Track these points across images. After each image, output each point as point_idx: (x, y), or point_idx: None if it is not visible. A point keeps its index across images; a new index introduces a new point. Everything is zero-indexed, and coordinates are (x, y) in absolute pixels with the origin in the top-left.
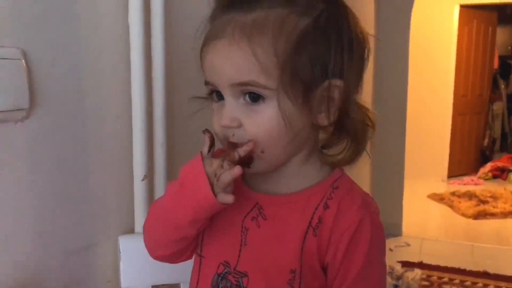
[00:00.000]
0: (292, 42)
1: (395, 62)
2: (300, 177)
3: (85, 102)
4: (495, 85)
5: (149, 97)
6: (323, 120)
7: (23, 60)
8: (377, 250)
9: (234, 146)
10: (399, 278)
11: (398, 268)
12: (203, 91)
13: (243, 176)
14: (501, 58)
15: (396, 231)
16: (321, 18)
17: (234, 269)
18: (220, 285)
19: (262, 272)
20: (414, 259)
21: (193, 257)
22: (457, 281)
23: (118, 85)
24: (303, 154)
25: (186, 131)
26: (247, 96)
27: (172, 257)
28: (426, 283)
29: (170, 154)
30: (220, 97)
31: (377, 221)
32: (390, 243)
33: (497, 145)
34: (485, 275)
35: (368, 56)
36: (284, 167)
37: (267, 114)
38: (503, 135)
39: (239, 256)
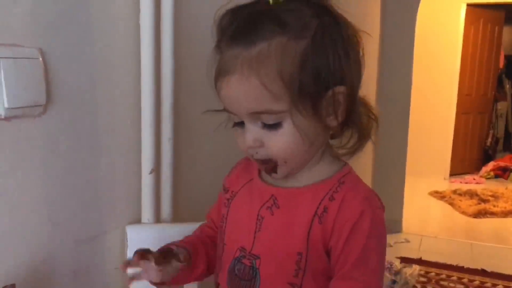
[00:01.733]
0: (295, 65)
1: (400, 60)
2: (313, 173)
3: (97, 99)
4: (500, 85)
5: (157, 94)
6: (332, 121)
7: (41, 59)
8: (375, 241)
9: (262, 161)
10: (397, 273)
11: (397, 263)
12: (212, 89)
13: (260, 174)
14: (507, 57)
15: (396, 228)
16: (317, 36)
17: (249, 252)
18: (236, 268)
19: (272, 254)
20: (413, 255)
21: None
22: (454, 278)
23: (128, 83)
24: (318, 154)
25: (192, 128)
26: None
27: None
28: (424, 279)
29: (176, 149)
30: (241, 123)
31: (378, 215)
32: (389, 239)
33: (500, 145)
34: (482, 272)
35: (363, 54)
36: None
37: (284, 133)
38: (507, 135)
39: (253, 241)
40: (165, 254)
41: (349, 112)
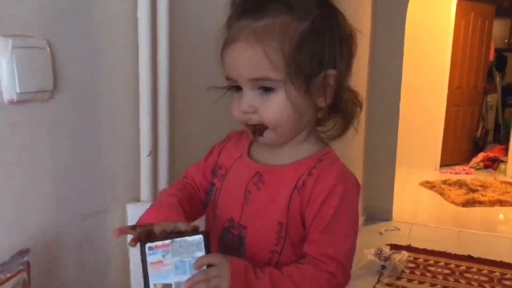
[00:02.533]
0: (295, 42)
1: (391, 53)
2: (297, 152)
3: (98, 87)
4: (490, 78)
5: (154, 82)
6: (321, 102)
7: (48, 49)
8: (344, 213)
9: (251, 128)
10: (386, 259)
11: (387, 250)
12: (205, 77)
13: (249, 152)
14: (497, 50)
15: (387, 216)
16: (317, 20)
17: (238, 223)
18: (225, 237)
19: (257, 224)
20: (403, 242)
21: (206, 215)
22: (442, 263)
23: (127, 71)
24: (305, 132)
25: (187, 113)
26: (261, 87)
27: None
28: (412, 265)
29: (172, 133)
30: (239, 89)
31: (349, 190)
32: (380, 227)
33: (490, 136)
34: (469, 258)
35: (355, 48)
36: (285, 144)
37: (278, 101)
38: (496, 126)
39: (241, 213)
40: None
41: (337, 96)
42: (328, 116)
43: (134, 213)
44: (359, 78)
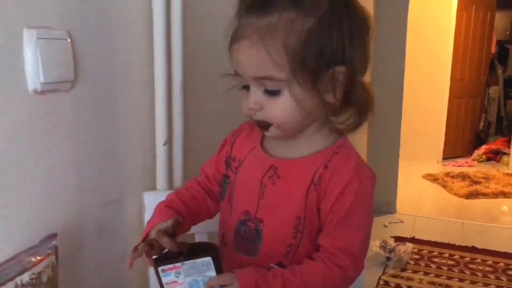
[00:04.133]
0: (299, 40)
1: (393, 45)
2: (310, 144)
3: (116, 77)
4: (492, 70)
5: (169, 74)
6: (330, 98)
7: (69, 40)
8: (360, 206)
9: (258, 124)
10: (391, 251)
11: (391, 242)
12: (218, 69)
13: (262, 144)
14: (499, 42)
15: (391, 209)
16: (325, 16)
17: (254, 216)
18: (241, 230)
19: (274, 219)
20: (407, 234)
21: (222, 206)
22: (446, 255)
23: (143, 63)
24: (316, 124)
25: (200, 103)
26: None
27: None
28: (417, 256)
29: (186, 123)
30: (248, 86)
31: (365, 183)
32: (384, 219)
33: (493, 128)
34: (473, 249)
35: (370, 38)
36: (297, 137)
37: (282, 101)
38: (499, 118)
39: (257, 206)
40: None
41: (348, 92)
42: (340, 109)
43: (150, 201)
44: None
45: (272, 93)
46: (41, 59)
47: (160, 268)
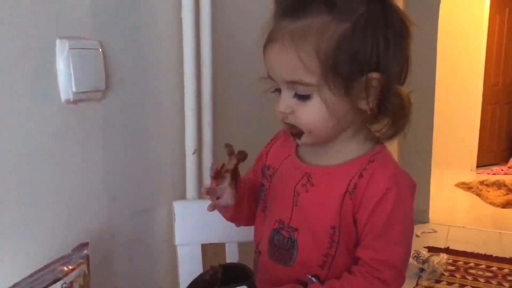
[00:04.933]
0: (332, 45)
1: (424, 51)
2: (345, 152)
3: (147, 86)
4: None
5: (198, 84)
6: (363, 105)
7: (100, 50)
8: (399, 217)
9: (291, 127)
10: (424, 261)
11: (424, 252)
12: (247, 77)
13: (296, 151)
14: None
15: (423, 218)
16: (360, 22)
17: (288, 225)
18: (275, 238)
19: (309, 228)
20: (441, 245)
21: (256, 215)
22: (483, 266)
23: (172, 72)
24: (350, 131)
25: (229, 112)
26: (296, 94)
27: (247, 222)
28: (452, 267)
29: (216, 132)
30: (280, 89)
31: (403, 192)
32: (417, 229)
33: None
34: (511, 261)
35: (409, 45)
36: (331, 143)
37: (313, 105)
38: None
39: (291, 215)
40: (233, 174)
41: (382, 100)
42: (376, 117)
43: (180, 211)
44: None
45: (303, 97)
46: (73, 69)
47: None
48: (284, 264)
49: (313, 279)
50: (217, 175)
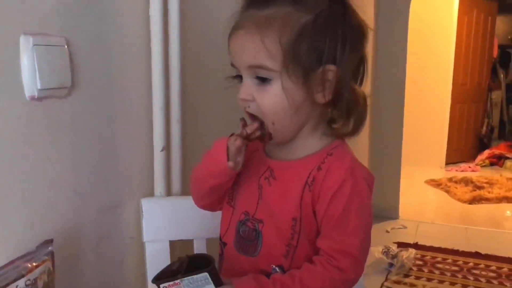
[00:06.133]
0: (294, 34)
1: (394, 51)
2: (305, 147)
3: (114, 84)
4: (494, 74)
5: (166, 81)
6: (320, 98)
7: (66, 47)
8: (355, 207)
9: (251, 116)
10: (394, 257)
11: (394, 248)
12: (215, 75)
13: (264, 147)
14: (501, 47)
15: (393, 214)
16: (321, 15)
17: (253, 217)
18: (241, 230)
19: (272, 220)
20: (410, 240)
21: (223, 208)
22: (449, 260)
23: (140, 70)
24: (309, 127)
25: (198, 110)
26: (258, 77)
27: (210, 207)
28: (420, 262)
29: (184, 130)
30: (241, 78)
31: (359, 184)
32: (387, 225)
33: (495, 133)
34: (476, 255)
35: (364, 47)
36: (294, 140)
37: (273, 92)
38: (502, 123)
39: (256, 207)
40: None
41: (337, 94)
42: (334, 114)
43: (148, 208)
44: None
45: (263, 81)
46: (38, 65)
47: (161, 286)
48: (250, 255)
49: (277, 269)
50: (247, 137)
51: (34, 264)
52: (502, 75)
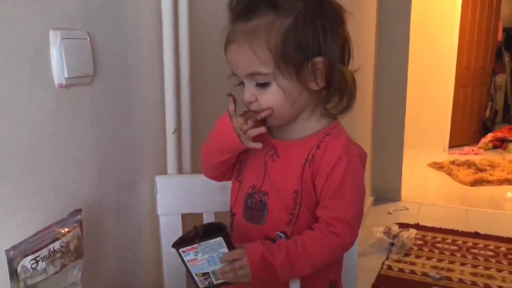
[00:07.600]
0: (279, 38)
1: (398, 33)
2: (305, 128)
3: (131, 72)
4: (499, 57)
5: (177, 69)
6: (314, 86)
7: (88, 39)
8: (350, 181)
9: (255, 112)
10: (395, 236)
11: (395, 228)
12: (223, 62)
13: (269, 129)
14: (506, 30)
15: (395, 196)
16: (300, 15)
17: (259, 190)
18: (248, 201)
19: (276, 192)
20: (411, 221)
21: (232, 183)
22: (449, 240)
23: (153, 59)
24: (307, 111)
25: (207, 96)
26: (257, 84)
27: (219, 177)
28: (420, 242)
29: (194, 114)
30: (243, 83)
31: (353, 160)
32: (389, 207)
33: (499, 117)
34: (475, 235)
35: (345, 29)
36: (295, 122)
37: (272, 91)
38: (506, 106)
39: (263, 181)
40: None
41: (329, 79)
42: (328, 95)
43: (162, 184)
44: (366, 60)
45: (262, 85)
46: (65, 57)
47: (180, 250)
48: (256, 223)
49: (281, 234)
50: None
51: (66, 229)
52: (506, 58)
